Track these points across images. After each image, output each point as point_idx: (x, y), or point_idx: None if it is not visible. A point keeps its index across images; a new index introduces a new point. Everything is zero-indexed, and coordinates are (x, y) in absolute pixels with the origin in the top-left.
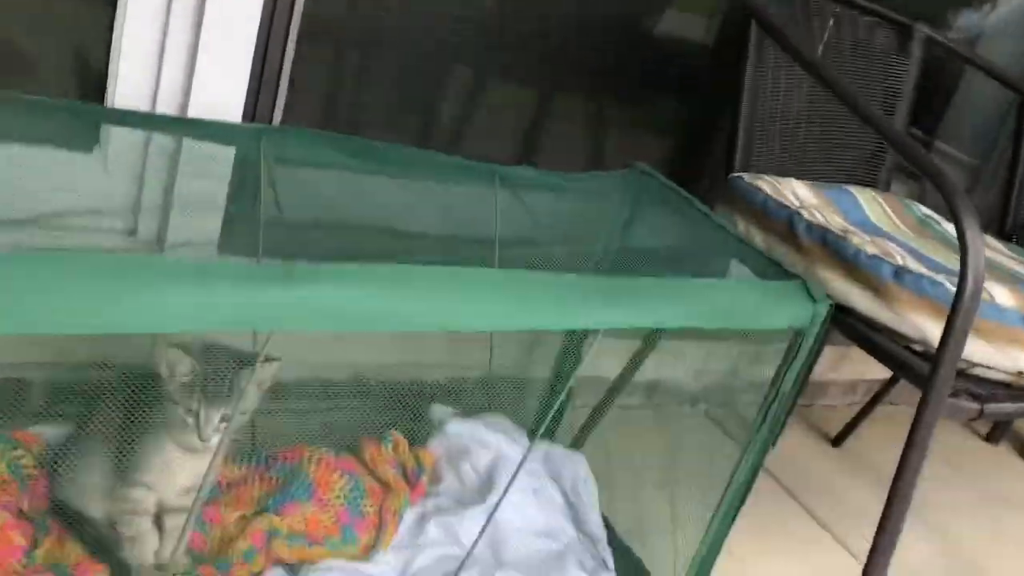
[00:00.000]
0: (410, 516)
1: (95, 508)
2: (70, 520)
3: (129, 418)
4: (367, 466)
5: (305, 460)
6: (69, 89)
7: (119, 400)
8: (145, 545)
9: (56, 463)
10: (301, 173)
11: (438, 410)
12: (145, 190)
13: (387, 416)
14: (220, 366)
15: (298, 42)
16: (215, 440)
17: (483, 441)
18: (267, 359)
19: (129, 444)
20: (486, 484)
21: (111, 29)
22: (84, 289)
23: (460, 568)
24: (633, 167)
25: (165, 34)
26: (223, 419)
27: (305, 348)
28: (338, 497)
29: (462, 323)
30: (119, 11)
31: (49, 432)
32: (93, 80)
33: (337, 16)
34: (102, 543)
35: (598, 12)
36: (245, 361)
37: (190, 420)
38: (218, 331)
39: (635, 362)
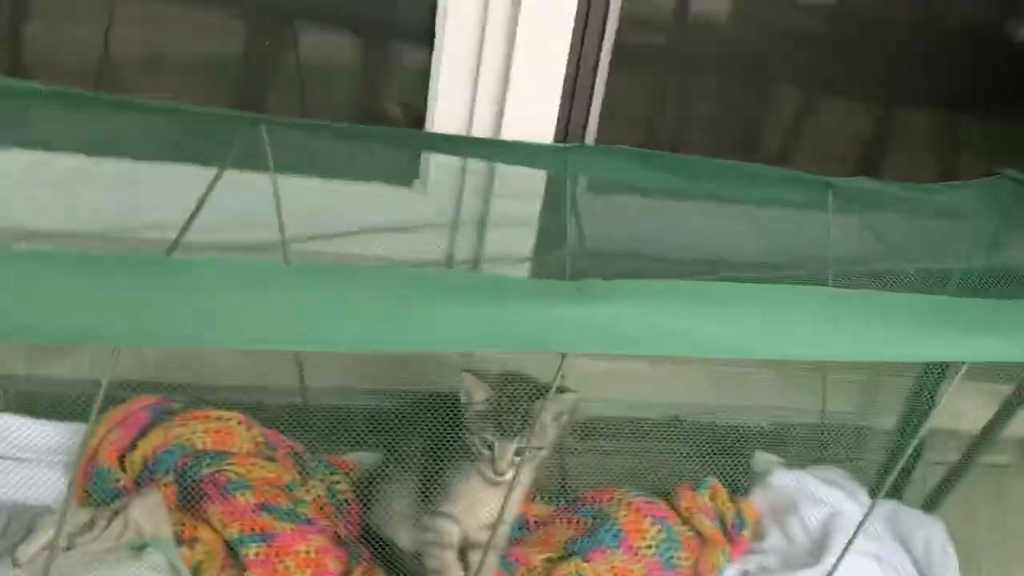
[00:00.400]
0: (729, 574)
1: (403, 537)
2: (380, 548)
3: (438, 447)
4: (681, 514)
5: (615, 503)
6: (393, 118)
7: (429, 428)
8: (445, 556)
9: (367, 490)
10: (612, 190)
11: (762, 459)
12: (462, 211)
13: (703, 462)
14: (516, 396)
15: (611, 60)
16: (509, 474)
17: (815, 495)
18: (563, 390)
19: (437, 473)
20: (818, 545)
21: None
22: (371, 305)
23: None
24: (1001, 175)
25: (479, 61)
26: (518, 452)
27: (617, 385)
28: (649, 547)
29: (784, 349)
30: (437, 42)
31: (365, 459)
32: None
33: (650, 34)
34: (409, 570)
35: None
36: (542, 392)
37: (485, 452)
38: (509, 351)
39: (1006, 411)
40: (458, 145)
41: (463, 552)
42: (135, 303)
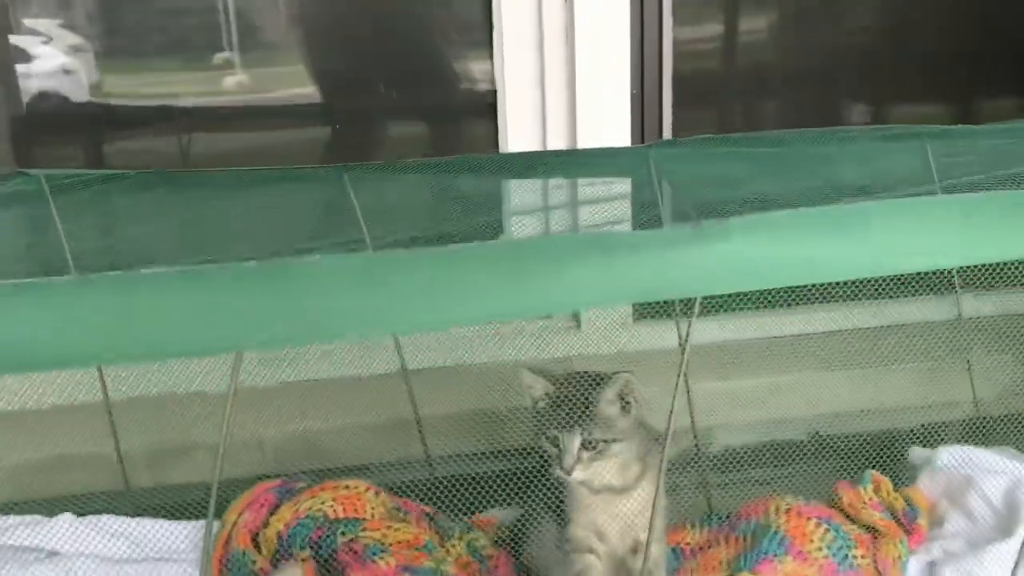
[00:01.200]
0: (914, 567)
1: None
2: None
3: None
4: (846, 513)
5: (772, 512)
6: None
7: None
8: None
9: (515, 538)
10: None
11: (918, 453)
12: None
13: (853, 474)
14: (574, 387)
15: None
16: (578, 472)
17: (990, 466)
18: (616, 373)
19: (562, 501)
20: (1006, 516)
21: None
22: (484, 278)
23: None
24: None
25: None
26: (585, 446)
27: (750, 407)
28: (819, 549)
29: (922, 259)
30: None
31: (501, 515)
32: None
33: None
34: None
35: None
36: (599, 382)
37: (555, 450)
38: (631, 302)
39: None
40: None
41: None
42: (253, 310)
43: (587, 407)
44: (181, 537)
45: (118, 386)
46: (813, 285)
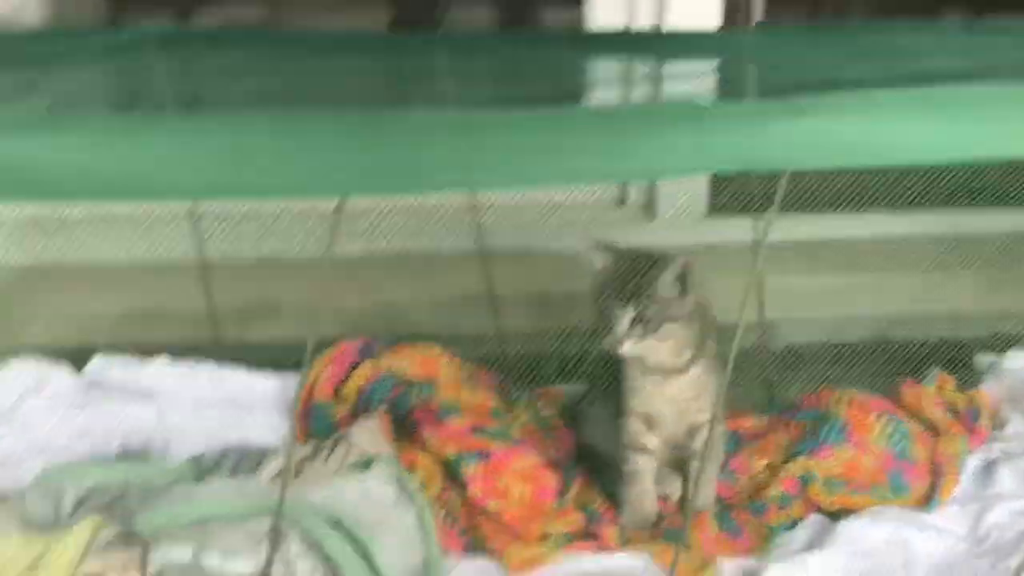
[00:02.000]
0: (972, 464)
1: (615, 451)
2: (595, 464)
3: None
4: (908, 410)
5: (834, 402)
6: None
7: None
8: (640, 488)
9: (581, 411)
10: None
11: (984, 359)
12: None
13: (916, 373)
14: (633, 263)
15: None
16: (628, 347)
17: None
18: (677, 256)
19: (618, 380)
20: None
21: None
22: (584, 141)
23: None
24: None
25: None
26: (637, 322)
27: (818, 305)
28: (878, 440)
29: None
30: None
31: (567, 388)
32: None
33: None
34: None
35: None
36: (659, 261)
37: (607, 322)
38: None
39: None
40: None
41: (682, 464)
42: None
43: (644, 284)
44: (267, 388)
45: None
46: (891, 186)
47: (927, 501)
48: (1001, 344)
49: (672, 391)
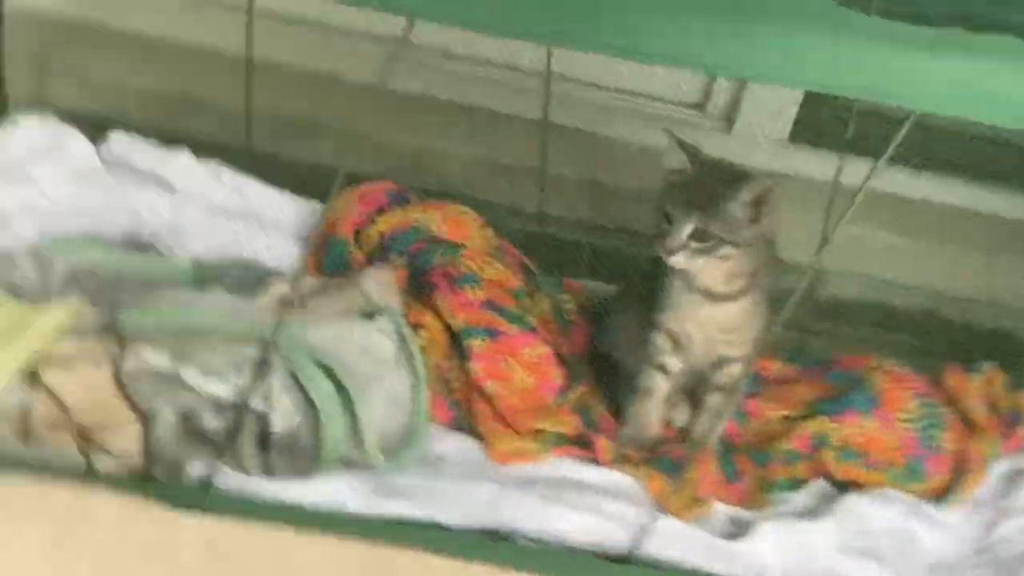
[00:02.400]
0: (999, 469)
1: (630, 362)
2: (606, 371)
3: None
4: (947, 397)
5: (869, 368)
6: None
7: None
8: (648, 406)
9: (602, 312)
10: None
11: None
12: None
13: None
14: (710, 172)
15: None
16: (679, 259)
17: None
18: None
19: (656, 290)
20: None
21: None
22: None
23: None
24: None
25: None
26: (696, 235)
27: (867, 260)
28: (907, 420)
29: None
30: None
31: (592, 285)
32: None
33: None
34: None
35: None
36: (741, 177)
37: (665, 227)
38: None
39: None
40: None
41: (695, 394)
42: None
43: (716, 197)
44: (290, 210)
45: (264, 43)
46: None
47: (943, 494)
48: None
49: (711, 317)
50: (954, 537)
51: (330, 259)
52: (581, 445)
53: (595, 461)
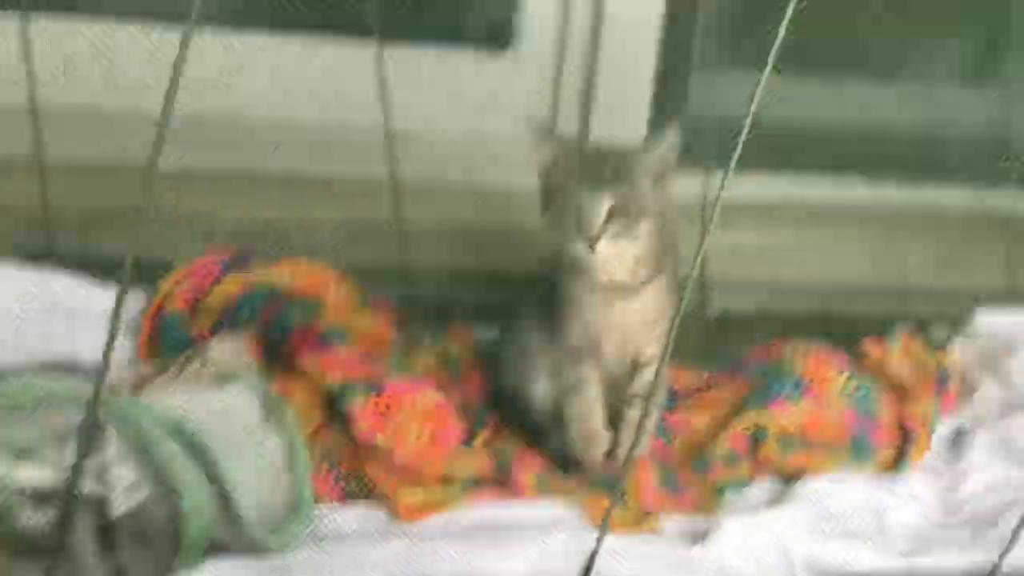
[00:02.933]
0: (941, 431)
1: (537, 392)
2: (511, 411)
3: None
4: (871, 369)
5: (787, 354)
6: None
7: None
8: (591, 426)
9: (495, 352)
10: None
11: (938, 332)
12: None
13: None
14: (602, 152)
15: None
16: (604, 247)
17: None
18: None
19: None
20: None
21: None
22: None
23: None
24: None
25: None
26: (615, 213)
27: (760, 266)
28: (840, 396)
29: None
30: None
31: (478, 331)
32: None
33: None
34: (542, 431)
35: None
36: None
37: (572, 221)
38: None
39: None
40: None
41: (614, 413)
42: None
43: (622, 170)
44: (105, 300)
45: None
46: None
47: (894, 467)
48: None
49: (620, 315)
50: (920, 505)
51: (166, 342)
52: (500, 485)
53: (521, 497)
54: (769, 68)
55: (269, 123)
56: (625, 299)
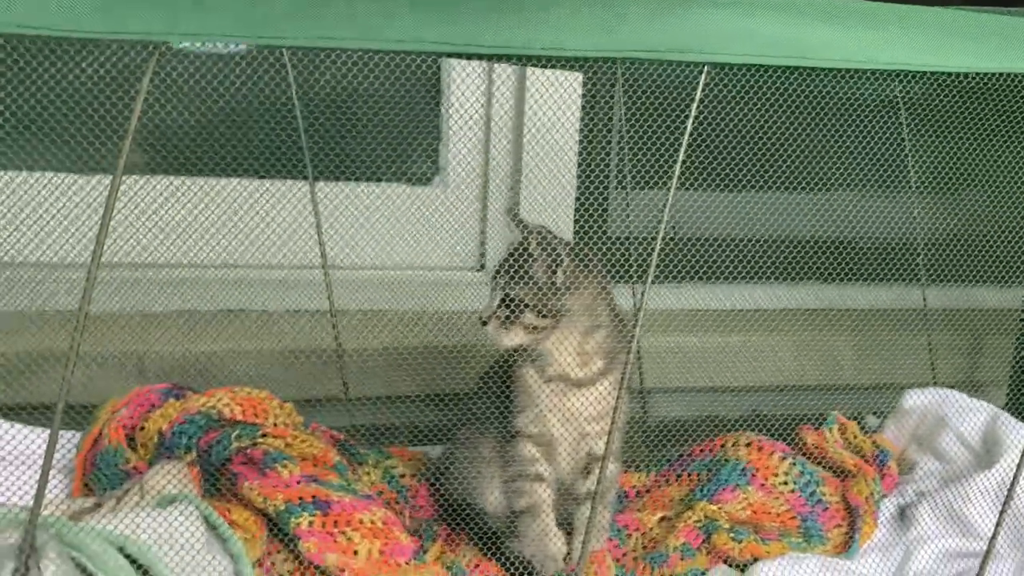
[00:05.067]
0: (886, 510)
1: (490, 500)
2: (462, 522)
3: (497, 369)
4: (811, 455)
5: (731, 447)
6: None
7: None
8: (549, 549)
9: (442, 464)
10: None
11: (872, 420)
12: None
13: None
14: (524, 245)
15: None
16: (492, 328)
17: (964, 405)
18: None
19: (505, 399)
20: (985, 454)
21: None
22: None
23: (985, 561)
24: None
25: None
26: (504, 304)
27: (693, 369)
28: (785, 483)
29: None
30: None
31: (430, 450)
32: None
33: None
34: (496, 539)
35: None
36: (551, 246)
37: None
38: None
39: None
40: None
41: (566, 517)
42: None
43: (517, 262)
44: (34, 443)
45: None
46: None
47: (845, 548)
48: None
49: (574, 407)
50: None
51: (103, 474)
52: None
53: None
54: (674, 188)
55: (206, 263)
56: (577, 391)
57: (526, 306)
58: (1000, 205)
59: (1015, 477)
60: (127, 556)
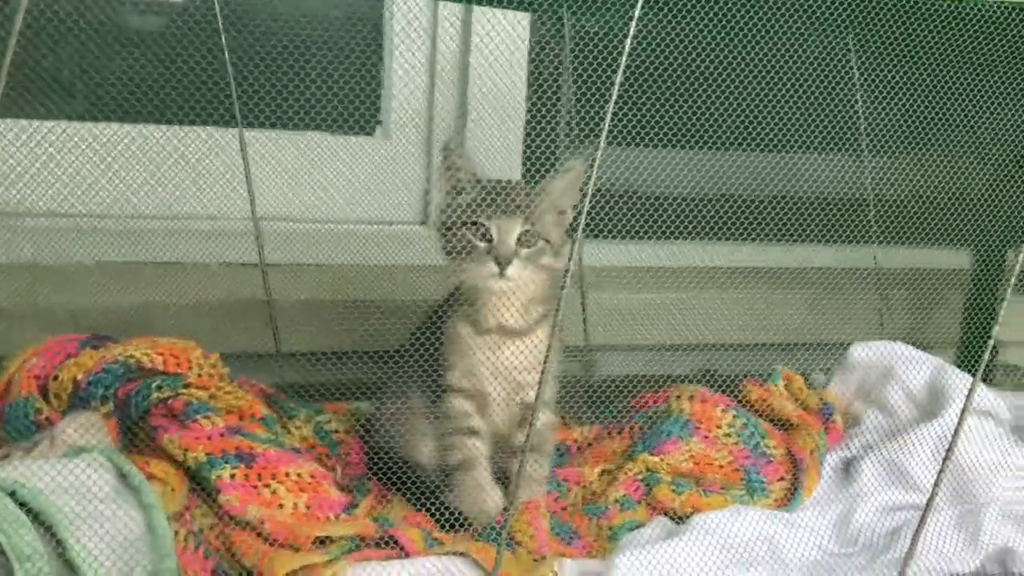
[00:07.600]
0: (830, 463)
1: (423, 454)
2: (393, 477)
3: (427, 325)
4: (755, 408)
5: (673, 398)
6: None
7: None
8: (485, 505)
9: (371, 421)
10: None
11: (818, 377)
12: None
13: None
14: (507, 184)
15: None
16: (513, 270)
17: (910, 357)
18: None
19: (436, 355)
20: (929, 405)
21: None
22: None
23: (926, 514)
24: None
25: None
26: (523, 242)
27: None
28: (728, 435)
29: None
30: None
31: (363, 405)
32: None
33: None
34: (428, 492)
35: None
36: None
37: (481, 245)
38: None
39: None
40: None
41: (502, 470)
42: None
43: (531, 196)
44: None
45: None
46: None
47: (788, 501)
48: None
49: (508, 358)
50: (815, 536)
51: (11, 426)
52: (384, 546)
53: (407, 554)
54: (603, 140)
55: (139, 212)
56: (514, 340)
57: (546, 244)
58: (954, 160)
59: (956, 429)
60: (20, 503)
